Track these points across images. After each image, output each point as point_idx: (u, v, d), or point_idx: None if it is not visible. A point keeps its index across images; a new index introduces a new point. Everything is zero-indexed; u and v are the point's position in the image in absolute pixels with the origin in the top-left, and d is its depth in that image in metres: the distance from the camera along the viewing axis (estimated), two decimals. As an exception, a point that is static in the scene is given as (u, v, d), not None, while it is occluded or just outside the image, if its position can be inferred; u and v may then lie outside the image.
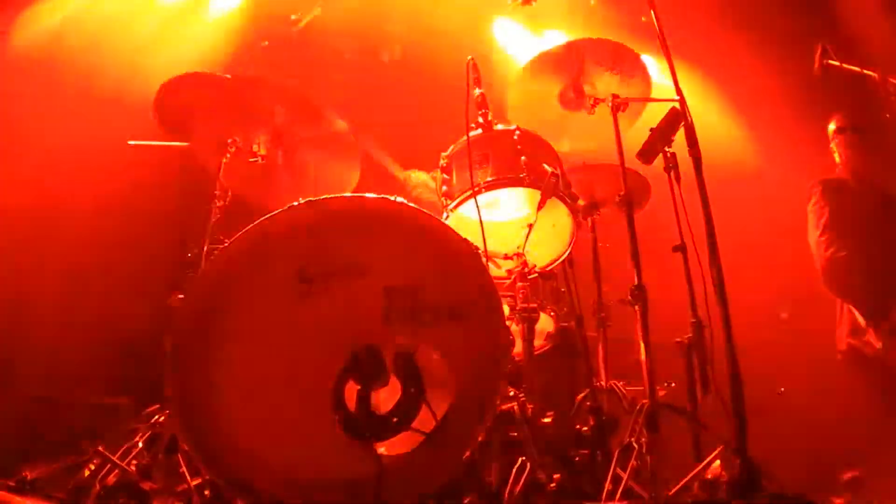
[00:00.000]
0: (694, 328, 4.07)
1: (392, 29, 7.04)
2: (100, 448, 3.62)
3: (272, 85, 4.59)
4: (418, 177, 5.80)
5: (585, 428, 4.08)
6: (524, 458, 3.37)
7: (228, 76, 4.61)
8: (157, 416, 3.83)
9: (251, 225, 3.29)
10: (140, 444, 3.71)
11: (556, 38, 7.16)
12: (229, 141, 4.56)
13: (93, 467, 3.64)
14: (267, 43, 6.60)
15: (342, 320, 3.24)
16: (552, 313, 4.54)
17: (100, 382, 5.34)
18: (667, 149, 4.29)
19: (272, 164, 4.72)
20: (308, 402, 3.14)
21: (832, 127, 5.86)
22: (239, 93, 4.57)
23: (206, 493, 3.38)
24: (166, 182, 5.70)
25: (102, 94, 5.75)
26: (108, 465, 3.59)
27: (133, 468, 3.56)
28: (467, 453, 3.11)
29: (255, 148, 4.64)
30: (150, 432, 3.76)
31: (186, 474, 3.42)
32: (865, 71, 4.44)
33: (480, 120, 4.40)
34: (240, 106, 4.57)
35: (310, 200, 3.36)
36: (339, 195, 3.52)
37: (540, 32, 7.42)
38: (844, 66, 4.64)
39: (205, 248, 4.22)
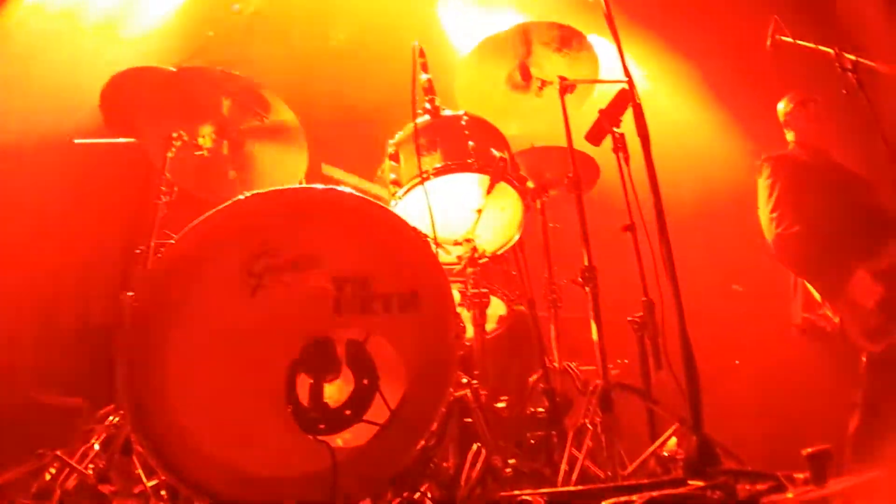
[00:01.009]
0: (645, 307, 4.10)
1: (338, 12, 6.97)
2: (58, 452, 3.59)
3: (217, 75, 4.53)
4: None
5: (539, 410, 4.11)
6: (480, 444, 3.37)
7: (174, 69, 4.55)
8: (112, 417, 3.78)
9: (197, 220, 3.27)
10: (96, 446, 3.66)
11: (504, 16, 7.15)
12: (174, 135, 4.49)
13: (53, 471, 3.60)
14: (212, 33, 6.52)
15: (293, 313, 3.22)
16: (504, 296, 4.54)
17: (54, 382, 5.28)
18: (615, 130, 4.31)
19: (218, 157, 4.66)
20: (260, 398, 3.11)
21: (787, 101, 5.90)
22: (184, 85, 4.53)
23: (163, 493, 3.37)
24: (116, 178, 5.63)
25: (47, 92, 5.64)
26: (67, 469, 3.55)
27: (91, 471, 3.52)
28: (421, 443, 3.10)
29: (200, 141, 4.59)
30: (104, 434, 3.71)
31: (142, 475, 3.41)
32: (820, 47, 4.43)
33: (428, 106, 4.39)
34: (185, 99, 4.54)
35: (256, 193, 3.34)
36: (285, 187, 3.50)
37: (488, 10, 7.40)
38: (798, 42, 4.63)
39: (152, 244, 4.18)
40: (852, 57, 4.19)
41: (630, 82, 4.00)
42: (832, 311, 5.11)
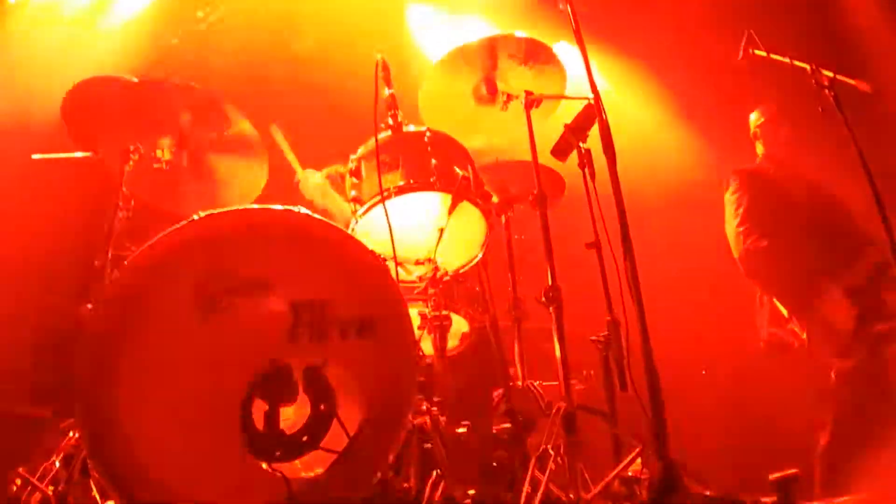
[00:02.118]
0: (609, 326, 4.06)
1: (304, 21, 6.89)
2: (20, 469, 3.56)
3: (177, 87, 4.45)
4: (313, 180, 5.64)
5: (502, 431, 4.07)
6: (439, 471, 3.32)
7: (135, 79, 4.47)
8: (72, 434, 3.71)
9: (151, 241, 3.18)
10: (57, 464, 3.58)
11: (471, 26, 7.10)
12: (132, 148, 4.41)
13: (19, 482, 3.57)
14: (176, 41, 6.43)
15: (249, 337, 3.14)
16: (467, 314, 4.49)
17: (23, 391, 5.20)
18: (581, 145, 4.27)
19: (178, 169, 4.60)
20: (215, 424, 3.04)
21: (759, 114, 5.87)
22: (144, 97, 4.44)
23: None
24: (79, 187, 5.55)
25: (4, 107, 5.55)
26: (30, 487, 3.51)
27: (51, 491, 3.45)
28: (379, 472, 3.04)
29: (158, 153, 4.51)
30: (64, 453, 3.63)
31: (98, 499, 3.33)
32: (795, 62, 4.38)
33: (390, 121, 4.33)
34: (145, 111, 4.45)
35: (210, 214, 3.26)
36: (241, 207, 3.43)
37: (456, 20, 7.35)
38: (772, 55, 4.58)
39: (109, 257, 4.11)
40: (829, 73, 4.14)
41: (597, 97, 3.96)
42: (799, 326, 5.09)
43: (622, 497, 3.74)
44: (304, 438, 3.09)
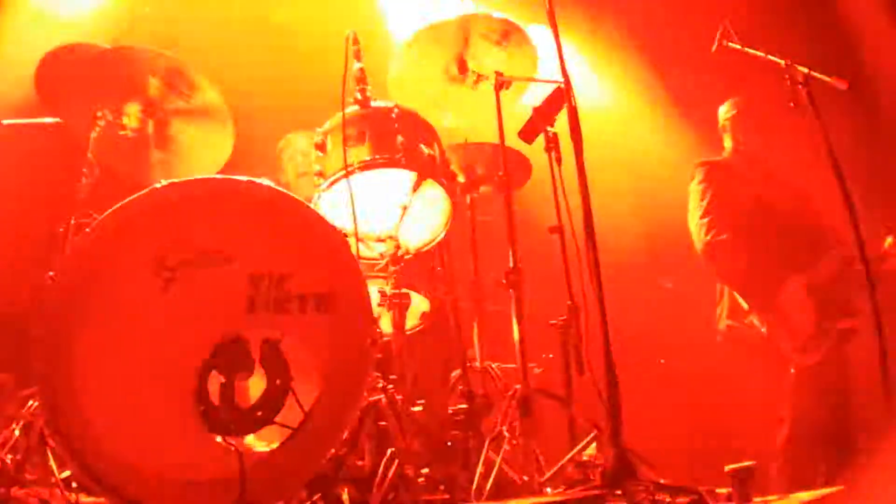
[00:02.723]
0: (569, 310, 4.07)
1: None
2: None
3: (146, 54, 4.43)
4: (299, 145, 5.58)
5: (459, 408, 4.08)
6: (393, 449, 3.32)
7: (107, 46, 4.44)
8: (31, 402, 3.69)
9: (112, 209, 3.15)
10: (17, 432, 3.58)
11: (445, 3, 7.04)
12: (99, 114, 4.37)
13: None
14: (148, 9, 6.33)
15: (207, 309, 3.12)
16: (427, 293, 4.48)
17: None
18: (549, 129, 4.26)
19: (143, 137, 4.55)
20: (171, 396, 3.02)
21: (729, 107, 5.85)
22: (113, 64, 4.42)
23: (74, 485, 3.28)
24: (46, 155, 5.48)
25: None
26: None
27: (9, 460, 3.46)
28: (333, 448, 3.03)
29: (124, 120, 4.47)
30: (23, 421, 3.63)
31: (54, 468, 3.32)
32: (770, 57, 4.36)
33: (358, 96, 4.30)
34: (113, 77, 4.42)
35: (173, 182, 3.23)
36: (203, 177, 3.40)
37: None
38: (746, 49, 4.55)
39: (72, 224, 4.08)
40: (804, 69, 4.13)
41: (567, 82, 3.94)
42: (760, 320, 5.09)
43: (576, 481, 3.75)
44: (259, 413, 3.06)
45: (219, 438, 2.98)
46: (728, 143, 5.79)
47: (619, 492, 3.03)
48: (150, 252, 3.13)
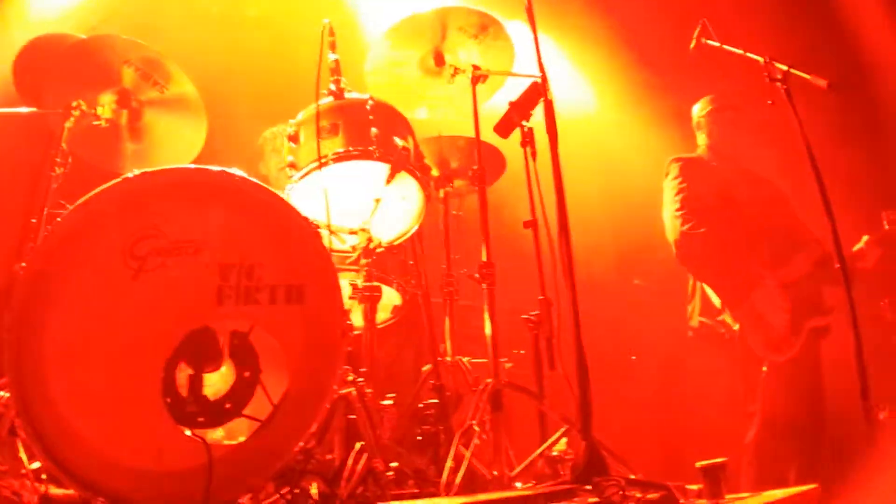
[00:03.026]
0: (542, 305, 4.07)
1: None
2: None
3: (121, 43, 4.43)
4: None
5: (430, 402, 4.07)
6: (363, 443, 3.31)
7: (83, 36, 4.42)
8: (1, 394, 3.64)
9: (84, 198, 3.11)
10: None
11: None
12: (74, 104, 4.31)
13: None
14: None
15: (176, 299, 3.07)
16: (399, 287, 4.46)
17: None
18: (524, 123, 4.26)
19: (117, 127, 4.52)
20: (140, 387, 2.97)
21: (704, 104, 5.85)
22: (89, 53, 4.42)
23: (44, 477, 3.22)
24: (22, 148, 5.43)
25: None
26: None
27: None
28: (301, 441, 3.01)
29: (99, 110, 4.41)
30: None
31: (24, 459, 3.27)
32: (748, 54, 4.35)
33: (333, 87, 4.28)
34: (90, 67, 4.41)
35: (145, 172, 3.18)
36: (176, 166, 3.36)
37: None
38: (724, 46, 4.54)
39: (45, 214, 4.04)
40: (784, 67, 4.13)
41: (543, 77, 3.95)
42: (732, 317, 5.10)
43: (546, 476, 3.76)
44: (227, 405, 3.03)
45: (187, 431, 2.96)
46: (702, 139, 5.81)
47: (588, 487, 3.04)
48: (120, 241, 3.07)
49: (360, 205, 4.22)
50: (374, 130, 4.10)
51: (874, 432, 3.73)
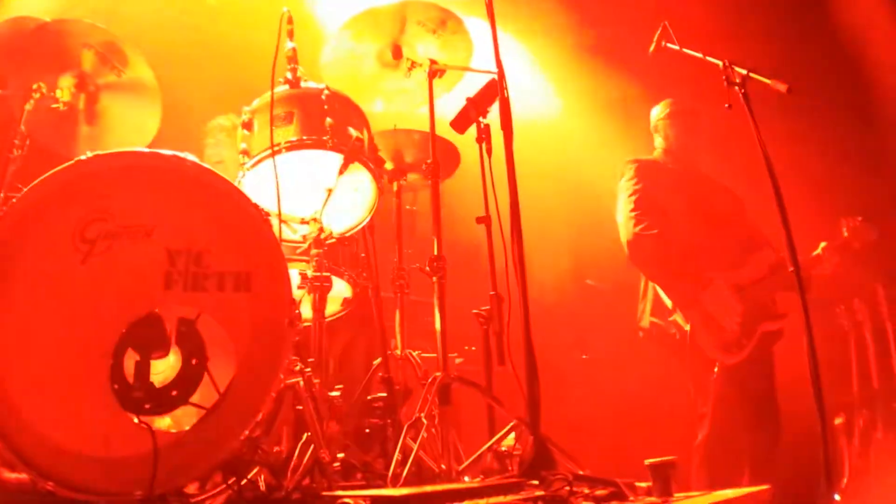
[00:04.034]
0: (492, 300, 4.07)
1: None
2: None
3: (83, 26, 4.42)
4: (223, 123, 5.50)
5: (376, 398, 4.05)
6: (309, 433, 3.29)
7: (47, 19, 4.40)
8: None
9: (36, 181, 3.07)
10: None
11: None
12: (35, 87, 4.29)
13: None
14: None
15: (124, 284, 3.03)
16: (350, 279, 4.44)
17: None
18: (481, 119, 4.26)
19: (74, 111, 4.48)
20: (88, 373, 2.94)
21: (663, 108, 5.89)
22: (51, 36, 4.40)
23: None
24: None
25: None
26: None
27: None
28: (247, 430, 2.99)
29: (57, 93, 4.38)
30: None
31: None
32: (708, 58, 4.37)
33: (289, 76, 4.25)
34: (51, 50, 4.40)
35: (98, 154, 3.15)
36: (128, 150, 3.32)
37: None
38: (684, 50, 4.54)
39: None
40: (743, 71, 4.16)
41: (501, 73, 3.95)
42: (684, 318, 5.13)
43: (494, 471, 3.76)
44: (174, 392, 3.00)
45: (134, 418, 2.92)
46: (659, 142, 5.84)
47: (536, 481, 3.05)
48: (71, 225, 3.05)
49: (312, 195, 4.20)
50: (328, 120, 4.07)
51: (829, 438, 3.77)
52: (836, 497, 4.42)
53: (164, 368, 3.03)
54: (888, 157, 6.77)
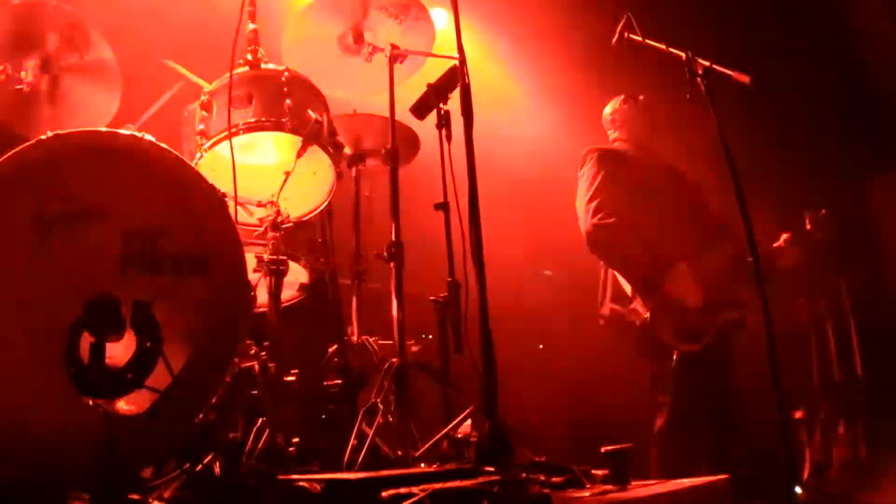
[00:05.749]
0: (450, 287, 4.07)
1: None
2: None
3: (49, 7, 4.35)
4: None
5: (332, 384, 4.04)
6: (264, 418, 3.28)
7: (16, 1, 4.33)
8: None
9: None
10: None
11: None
12: (0, 68, 4.25)
13: None
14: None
15: (81, 266, 3.02)
16: (307, 265, 4.42)
17: None
18: (441, 106, 4.25)
19: (36, 93, 4.41)
20: (42, 355, 2.92)
21: (616, 102, 5.88)
22: (20, 18, 4.33)
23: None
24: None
25: None
26: None
27: None
28: (201, 413, 2.97)
29: (22, 75, 4.33)
30: None
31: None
32: (671, 50, 4.38)
33: (249, 57, 4.22)
34: (19, 31, 4.32)
35: (57, 134, 3.11)
36: (89, 129, 3.30)
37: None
38: (648, 42, 4.54)
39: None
40: (705, 62, 4.17)
41: (462, 60, 3.94)
42: (642, 306, 5.14)
43: (450, 457, 3.77)
44: (129, 375, 2.97)
45: (90, 401, 2.89)
46: (616, 134, 5.85)
47: (492, 468, 3.05)
48: (31, 205, 3.02)
49: (270, 177, 4.18)
50: (288, 102, 4.05)
51: (788, 430, 3.80)
52: (798, 490, 4.45)
53: (118, 351, 3.00)
54: (855, 149, 6.85)
